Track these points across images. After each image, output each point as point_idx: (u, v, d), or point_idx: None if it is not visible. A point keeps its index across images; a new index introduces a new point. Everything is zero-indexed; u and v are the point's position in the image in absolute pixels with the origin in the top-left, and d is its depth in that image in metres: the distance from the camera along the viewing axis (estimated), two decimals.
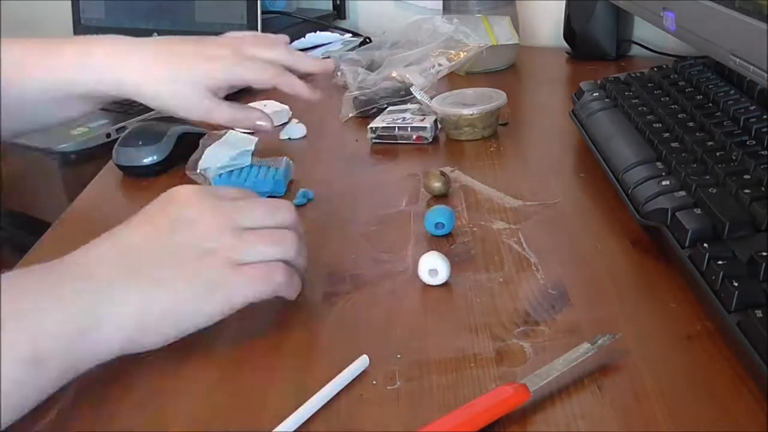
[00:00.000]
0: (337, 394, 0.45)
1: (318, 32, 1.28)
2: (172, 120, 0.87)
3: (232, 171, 0.74)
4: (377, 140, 0.83)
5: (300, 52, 0.73)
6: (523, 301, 0.53)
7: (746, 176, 0.54)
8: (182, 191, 0.51)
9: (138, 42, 0.72)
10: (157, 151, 0.80)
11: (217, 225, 0.49)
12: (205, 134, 0.85)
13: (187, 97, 0.71)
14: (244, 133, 0.79)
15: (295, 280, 0.52)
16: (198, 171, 0.75)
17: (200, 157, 0.75)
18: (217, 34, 1.11)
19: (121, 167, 0.81)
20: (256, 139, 0.77)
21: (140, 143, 0.80)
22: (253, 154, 0.75)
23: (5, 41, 0.67)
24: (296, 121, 0.90)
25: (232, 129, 0.80)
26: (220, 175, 0.73)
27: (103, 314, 0.45)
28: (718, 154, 0.59)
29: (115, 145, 0.82)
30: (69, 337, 0.44)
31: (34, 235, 0.72)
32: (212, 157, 0.74)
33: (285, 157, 0.75)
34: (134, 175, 0.81)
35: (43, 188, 0.97)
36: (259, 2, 1.09)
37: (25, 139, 0.93)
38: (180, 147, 0.82)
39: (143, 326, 0.47)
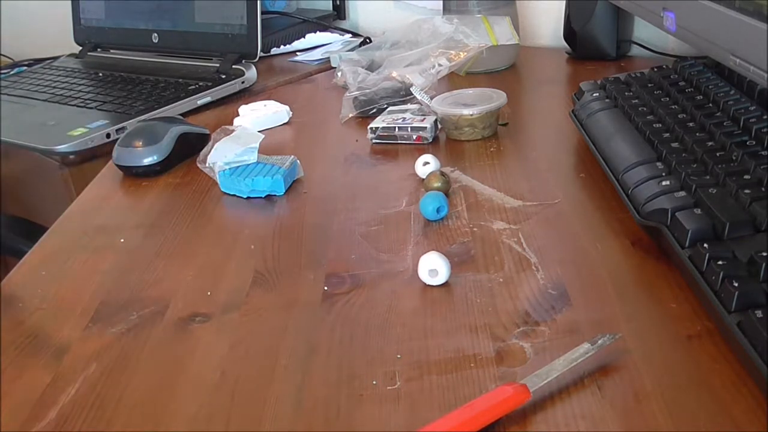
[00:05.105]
0: (336, 393, 0.45)
1: (318, 32, 1.29)
2: (172, 120, 0.87)
3: (237, 166, 0.74)
4: (377, 140, 0.83)
5: None
6: (523, 301, 0.53)
7: (746, 176, 0.54)
8: None
9: None
10: (157, 151, 0.80)
11: None
12: (206, 134, 0.85)
13: None
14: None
15: None
16: (207, 164, 0.76)
17: (210, 150, 0.76)
18: (216, 34, 1.13)
19: (121, 167, 0.81)
20: (262, 136, 0.77)
21: (140, 143, 0.80)
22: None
23: None
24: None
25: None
26: (224, 171, 0.74)
27: None
28: (718, 154, 0.59)
29: (115, 145, 0.82)
30: None
31: (35, 237, 0.72)
32: (220, 152, 0.75)
33: (292, 157, 0.76)
34: (134, 175, 0.81)
35: (43, 189, 0.97)
36: (258, 2, 1.09)
37: (25, 139, 0.94)
38: (180, 147, 0.82)
39: None
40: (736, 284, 0.45)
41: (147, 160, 0.80)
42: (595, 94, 0.78)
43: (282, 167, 0.73)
